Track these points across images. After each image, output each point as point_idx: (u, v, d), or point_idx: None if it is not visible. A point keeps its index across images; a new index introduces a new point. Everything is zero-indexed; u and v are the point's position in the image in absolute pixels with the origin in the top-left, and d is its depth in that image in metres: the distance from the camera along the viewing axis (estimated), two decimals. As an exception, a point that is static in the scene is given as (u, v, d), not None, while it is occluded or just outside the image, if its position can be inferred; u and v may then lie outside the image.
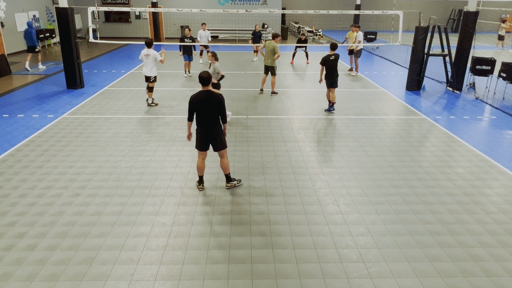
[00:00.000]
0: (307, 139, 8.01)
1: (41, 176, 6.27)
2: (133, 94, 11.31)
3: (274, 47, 10.98)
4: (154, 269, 4.21)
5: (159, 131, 8.35)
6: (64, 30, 11.30)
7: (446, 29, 12.17)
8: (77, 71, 11.79)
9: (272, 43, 11.02)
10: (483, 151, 7.53)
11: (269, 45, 11.03)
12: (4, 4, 17.11)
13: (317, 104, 10.56)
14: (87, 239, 4.70)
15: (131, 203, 5.50)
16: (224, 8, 21.89)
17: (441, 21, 30.81)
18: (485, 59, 11.72)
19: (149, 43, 9.70)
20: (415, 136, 8.29)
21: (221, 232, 4.87)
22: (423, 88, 12.36)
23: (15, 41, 17.98)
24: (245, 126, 8.71)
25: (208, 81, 5.48)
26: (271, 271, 4.20)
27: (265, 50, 11.19)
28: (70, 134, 8.11)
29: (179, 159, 7.00)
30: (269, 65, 11.19)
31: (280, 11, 16.43)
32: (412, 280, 4.10)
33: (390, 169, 6.67)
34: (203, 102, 5.46)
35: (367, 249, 4.57)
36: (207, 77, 5.46)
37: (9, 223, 4.98)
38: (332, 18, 30.36)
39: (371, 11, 14.33)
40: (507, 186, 6.16)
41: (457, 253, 4.52)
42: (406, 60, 15.83)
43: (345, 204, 5.57)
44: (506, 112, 10.04)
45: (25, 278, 4.04)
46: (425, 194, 5.87)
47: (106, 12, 24.60)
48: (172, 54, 18.29)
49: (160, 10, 14.33)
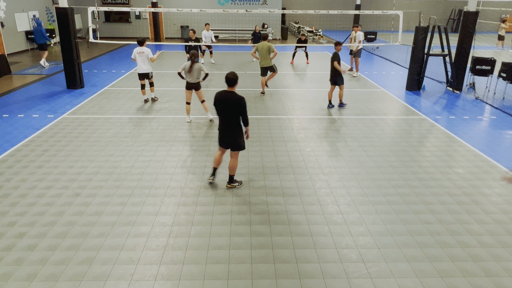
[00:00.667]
0: (307, 139, 8.01)
1: (41, 176, 6.27)
2: (133, 94, 11.31)
3: (269, 46, 11.01)
4: (154, 269, 4.21)
5: (159, 131, 8.36)
6: (64, 30, 11.30)
7: (446, 29, 12.17)
8: (77, 71, 11.79)
9: (266, 43, 11.05)
10: (483, 151, 7.53)
11: (263, 46, 11.03)
12: (4, 4, 17.11)
13: (317, 104, 10.56)
14: (87, 239, 4.70)
15: (131, 203, 5.50)
16: (224, 8, 21.89)
17: (441, 21, 30.80)
18: (485, 59, 11.73)
19: (141, 41, 10.01)
20: (415, 136, 8.29)
21: (221, 232, 4.87)
22: (423, 88, 12.36)
23: (15, 41, 17.99)
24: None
25: (233, 82, 5.47)
26: (271, 271, 4.20)
27: (259, 53, 11.17)
28: (70, 134, 8.12)
29: (179, 159, 7.00)
30: (267, 65, 11.20)
31: (280, 11, 16.43)
32: (412, 280, 4.10)
33: (390, 169, 6.68)
34: (223, 102, 5.50)
35: (367, 249, 4.58)
36: (233, 78, 5.45)
37: (9, 223, 4.98)
38: (332, 18, 30.37)
39: (371, 11, 14.33)
40: (507, 186, 6.16)
41: (457, 253, 4.52)
42: (406, 60, 15.84)
43: (345, 204, 5.57)
44: (506, 112, 10.04)
45: (25, 278, 4.05)
46: (425, 194, 5.87)
47: (106, 12, 24.60)
48: (173, 54, 18.30)
49: (160, 10, 14.33)
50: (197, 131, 8.41)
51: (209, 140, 7.91)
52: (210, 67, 15.57)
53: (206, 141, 7.85)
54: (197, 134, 8.21)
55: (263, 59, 11.14)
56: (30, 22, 19.07)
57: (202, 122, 8.96)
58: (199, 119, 9.21)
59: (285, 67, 15.91)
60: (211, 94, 11.42)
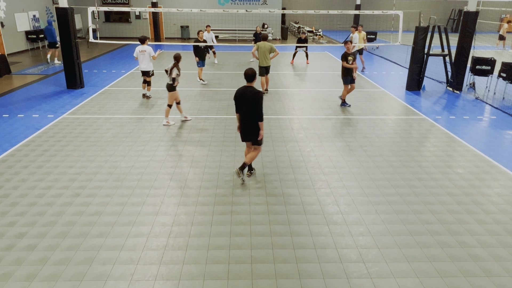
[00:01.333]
0: (307, 139, 8.01)
1: (41, 176, 6.27)
2: (133, 94, 11.31)
3: (271, 46, 11.04)
4: (154, 269, 4.21)
5: (159, 131, 8.35)
6: (64, 30, 11.30)
7: (446, 29, 12.18)
8: (77, 71, 11.79)
9: (267, 43, 11.07)
10: (483, 151, 7.53)
11: (264, 46, 11.04)
12: (4, 4, 17.11)
13: (317, 104, 10.56)
14: (87, 239, 4.70)
15: (131, 203, 5.50)
16: (224, 8, 21.90)
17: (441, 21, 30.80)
18: (485, 59, 11.73)
19: (142, 39, 10.31)
20: (415, 136, 8.29)
21: (221, 232, 4.87)
22: (423, 88, 12.36)
23: (15, 41, 17.99)
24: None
25: (251, 78, 5.79)
26: (271, 271, 4.20)
27: (259, 52, 11.16)
28: (70, 134, 8.12)
29: (179, 159, 7.00)
30: (266, 65, 11.23)
31: (280, 11, 16.45)
32: (412, 280, 4.10)
33: (390, 169, 6.68)
34: (241, 97, 5.78)
35: (367, 249, 4.57)
36: (251, 74, 5.77)
37: (9, 223, 4.98)
38: (332, 18, 30.37)
39: (371, 11, 14.34)
40: (507, 186, 6.17)
41: (457, 253, 4.52)
42: (406, 60, 15.83)
43: (345, 204, 5.57)
44: (506, 112, 10.04)
45: (25, 278, 4.04)
46: (425, 194, 5.87)
47: (106, 12, 24.60)
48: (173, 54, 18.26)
49: (160, 10, 14.33)
50: (197, 131, 8.42)
51: (209, 140, 7.91)
52: (211, 66, 15.58)
53: (206, 141, 7.85)
54: (197, 134, 8.21)
55: (263, 58, 11.15)
56: (30, 22, 19.07)
57: (202, 123, 8.96)
58: (199, 119, 9.21)
59: (285, 67, 15.91)
60: (210, 93, 11.42)
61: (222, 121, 9.04)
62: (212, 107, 10.16)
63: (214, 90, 11.99)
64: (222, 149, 7.46)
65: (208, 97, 11.13)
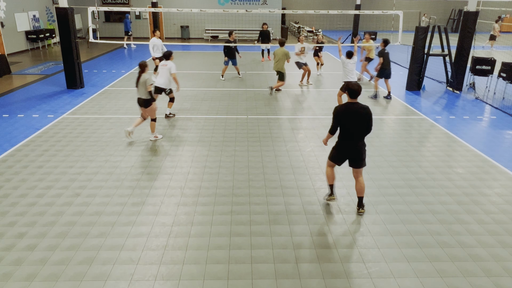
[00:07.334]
0: (307, 139, 8.01)
1: (41, 176, 6.27)
2: (133, 94, 11.31)
3: (286, 53, 11.18)
4: (154, 269, 4.21)
5: (159, 131, 8.35)
6: (64, 30, 11.30)
7: (446, 29, 12.17)
8: (77, 71, 11.79)
9: (283, 49, 11.23)
10: (483, 151, 7.53)
11: (281, 51, 11.19)
12: (4, 4, 17.11)
13: (317, 104, 10.56)
14: (87, 239, 4.70)
15: (131, 203, 5.50)
16: (224, 8, 21.89)
17: (441, 21, 30.82)
18: (485, 59, 11.72)
19: (167, 55, 8.75)
20: (415, 136, 8.29)
21: (221, 232, 4.87)
22: (423, 88, 12.36)
23: (15, 41, 17.98)
24: (245, 126, 8.71)
25: (357, 94, 5.06)
26: (271, 271, 4.20)
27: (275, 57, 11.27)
28: (70, 134, 8.11)
29: (179, 159, 7.00)
30: (278, 70, 11.35)
31: (280, 11, 16.45)
32: (412, 280, 4.10)
33: (390, 169, 6.67)
34: (352, 115, 5.05)
35: (367, 249, 4.57)
36: (358, 90, 5.04)
37: (9, 223, 4.98)
38: (332, 18, 30.37)
39: (371, 11, 14.33)
40: (507, 186, 6.17)
41: (457, 253, 4.52)
42: (406, 60, 15.82)
43: (345, 204, 5.57)
44: (506, 112, 10.04)
45: (25, 278, 4.04)
46: (425, 194, 5.87)
47: (106, 12, 24.59)
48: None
49: (160, 10, 14.33)
50: (197, 131, 8.41)
51: (209, 140, 7.91)
52: (211, 67, 15.55)
53: (206, 141, 7.85)
54: (197, 135, 8.21)
55: (276, 63, 11.29)
56: (30, 22, 19.06)
57: (202, 123, 8.96)
58: (199, 119, 9.21)
59: (285, 67, 15.83)
60: (210, 93, 11.42)
61: (222, 121, 9.03)
62: (212, 107, 10.15)
63: (214, 90, 11.99)
64: (222, 149, 7.46)
65: (208, 97, 11.13)
